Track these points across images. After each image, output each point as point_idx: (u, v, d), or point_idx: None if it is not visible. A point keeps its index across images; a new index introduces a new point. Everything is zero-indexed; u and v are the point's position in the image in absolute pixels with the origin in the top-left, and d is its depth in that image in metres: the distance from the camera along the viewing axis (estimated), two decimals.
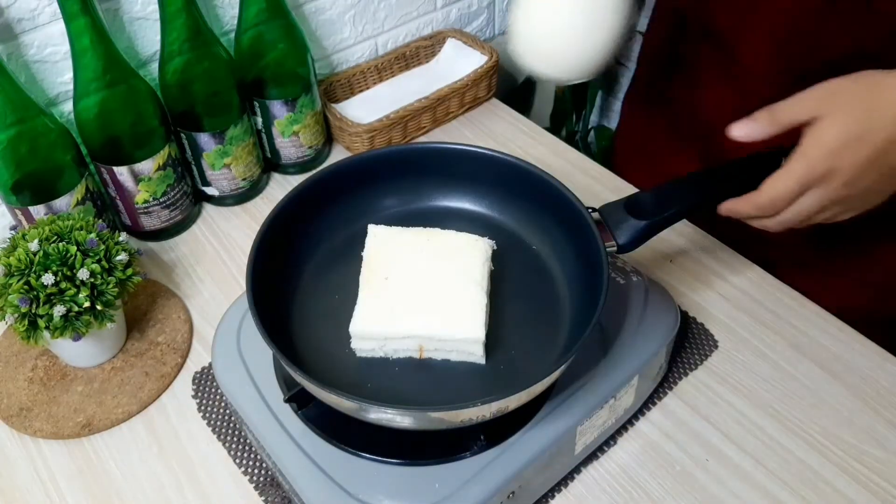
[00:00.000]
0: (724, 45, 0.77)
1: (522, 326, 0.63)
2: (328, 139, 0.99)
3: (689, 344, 0.75)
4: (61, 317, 0.65)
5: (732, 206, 0.61)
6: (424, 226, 0.67)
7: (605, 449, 0.67)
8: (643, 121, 0.94)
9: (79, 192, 0.77)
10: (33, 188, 0.75)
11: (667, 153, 0.91)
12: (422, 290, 0.62)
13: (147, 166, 0.81)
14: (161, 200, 0.84)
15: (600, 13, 0.56)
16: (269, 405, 0.61)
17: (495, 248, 0.67)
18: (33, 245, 0.66)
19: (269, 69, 0.87)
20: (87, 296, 0.66)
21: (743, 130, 0.58)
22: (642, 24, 0.90)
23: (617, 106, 1.47)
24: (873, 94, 0.55)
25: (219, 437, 0.70)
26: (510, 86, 1.39)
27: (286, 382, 0.62)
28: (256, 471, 0.67)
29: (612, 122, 1.49)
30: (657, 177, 0.88)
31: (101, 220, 0.72)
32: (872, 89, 0.55)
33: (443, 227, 0.67)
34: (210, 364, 0.74)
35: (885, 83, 0.55)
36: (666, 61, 0.86)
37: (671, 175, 0.64)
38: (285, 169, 0.96)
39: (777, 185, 0.57)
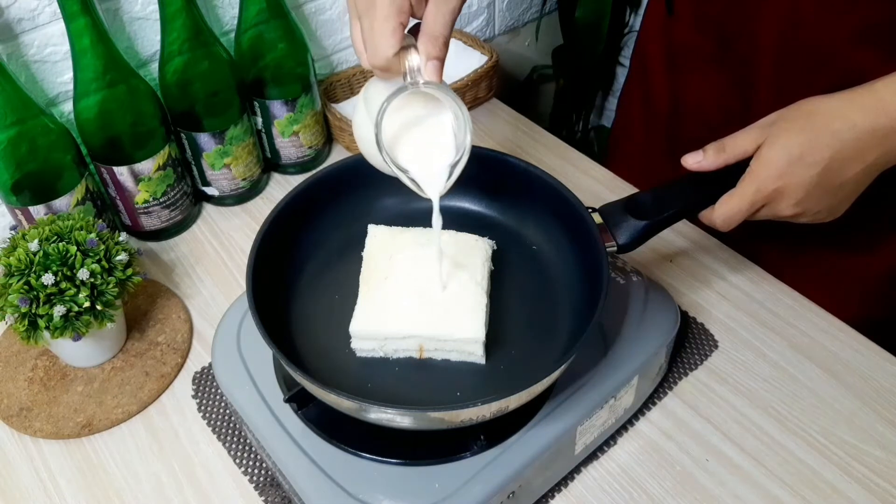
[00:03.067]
0: (723, 39, 0.77)
1: (522, 326, 0.63)
2: (328, 139, 0.99)
3: (689, 344, 0.75)
4: (61, 317, 0.65)
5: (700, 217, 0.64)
6: (424, 226, 0.67)
7: (605, 449, 0.67)
8: (638, 120, 0.94)
9: (79, 192, 0.77)
10: (33, 188, 0.75)
11: (662, 152, 0.91)
12: (422, 291, 0.62)
13: (147, 166, 0.81)
14: (161, 200, 0.84)
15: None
16: (269, 405, 0.61)
17: (495, 248, 0.67)
18: (33, 245, 0.66)
19: (269, 69, 0.87)
20: (87, 296, 0.66)
21: (693, 160, 0.62)
22: (635, 23, 0.90)
23: (615, 105, 1.47)
24: (811, 118, 0.58)
25: (219, 437, 0.70)
26: (510, 86, 1.39)
27: (286, 382, 0.62)
28: (256, 471, 0.67)
29: (611, 122, 1.49)
30: (652, 176, 0.89)
31: (101, 220, 0.72)
32: (810, 114, 0.58)
33: (443, 227, 0.67)
34: (210, 364, 0.74)
35: (822, 108, 0.58)
36: (660, 59, 0.86)
37: (667, 174, 0.64)
38: (285, 169, 0.96)
39: (730, 205, 0.61)
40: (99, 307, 0.67)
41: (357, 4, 0.53)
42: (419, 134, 0.58)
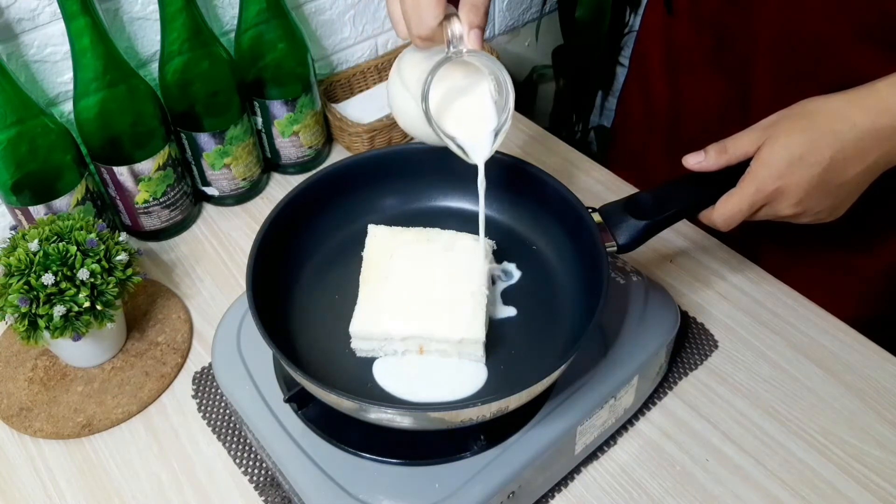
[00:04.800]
0: (721, 38, 0.77)
1: (522, 326, 0.63)
2: (328, 139, 0.99)
3: (689, 344, 0.75)
4: (61, 317, 0.65)
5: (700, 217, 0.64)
6: (424, 226, 0.67)
7: (605, 449, 0.67)
8: (638, 120, 0.94)
9: (79, 192, 0.77)
10: (33, 188, 0.75)
11: (662, 152, 0.91)
12: (422, 291, 0.62)
13: (147, 166, 0.81)
14: (161, 200, 0.84)
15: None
16: (269, 405, 0.61)
17: (495, 248, 0.67)
18: (33, 245, 0.66)
19: (269, 69, 0.87)
20: (87, 296, 0.66)
21: (694, 160, 0.62)
22: (635, 23, 0.90)
23: (615, 105, 1.47)
24: (812, 118, 0.58)
25: (219, 437, 0.70)
26: None
27: (286, 382, 0.62)
28: (256, 471, 0.67)
29: (611, 122, 1.49)
30: (652, 176, 0.89)
31: (101, 220, 0.72)
32: (811, 114, 0.58)
33: (443, 227, 0.67)
34: (210, 364, 0.74)
35: (823, 108, 0.58)
36: (659, 59, 0.86)
37: (667, 174, 0.64)
38: (285, 169, 0.96)
39: (730, 205, 0.61)
40: (99, 307, 0.67)
41: None
42: (462, 102, 0.59)
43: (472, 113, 0.59)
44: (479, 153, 0.59)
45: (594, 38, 1.32)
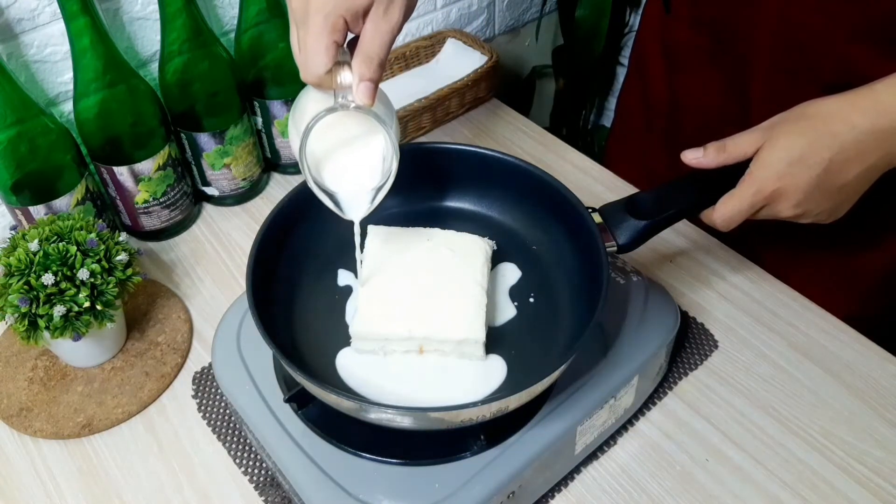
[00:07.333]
0: (719, 37, 0.77)
1: (522, 326, 0.63)
2: None
3: (689, 344, 0.75)
4: (61, 317, 0.65)
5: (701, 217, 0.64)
6: (424, 226, 0.67)
7: (605, 449, 0.67)
8: (638, 119, 0.94)
9: (79, 192, 0.77)
10: (33, 188, 0.75)
11: (662, 152, 0.91)
12: (422, 291, 0.62)
13: (147, 166, 0.81)
14: (161, 200, 0.84)
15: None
16: (269, 405, 0.61)
17: (495, 248, 0.67)
18: (33, 245, 0.66)
19: (269, 69, 0.87)
20: (87, 296, 0.66)
21: (693, 156, 0.62)
22: (635, 23, 0.90)
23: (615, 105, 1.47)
24: (811, 120, 0.58)
25: (219, 437, 0.70)
26: (510, 86, 1.39)
27: (286, 382, 0.62)
28: (256, 471, 0.67)
29: (611, 122, 1.49)
30: (652, 176, 0.89)
31: (101, 220, 0.72)
32: (811, 117, 0.59)
33: (443, 227, 0.67)
34: (210, 364, 0.74)
35: (822, 110, 0.58)
36: (658, 58, 0.86)
37: (666, 174, 0.64)
38: (285, 169, 0.96)
39: (730, 205, 0.61)
40: (99, 307, 0.67)
41: (295, 12, 0.51)
42: (348, 153, 0.55)
43: (356, 167, 0.55)
44: (354, 210, 0.56)
45: (594, 38, 1.32)
